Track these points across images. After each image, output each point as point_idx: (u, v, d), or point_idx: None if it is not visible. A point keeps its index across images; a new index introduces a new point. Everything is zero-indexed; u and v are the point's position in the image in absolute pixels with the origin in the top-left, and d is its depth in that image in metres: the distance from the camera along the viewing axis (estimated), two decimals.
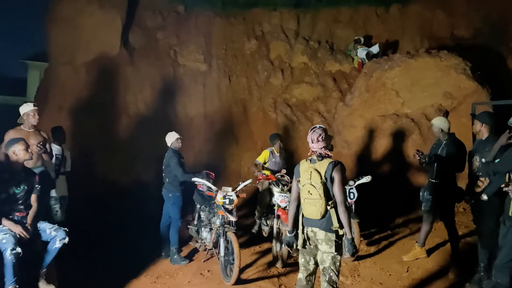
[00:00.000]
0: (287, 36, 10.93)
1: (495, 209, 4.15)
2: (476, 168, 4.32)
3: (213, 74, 10.52)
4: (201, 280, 5.03)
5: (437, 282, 4.66)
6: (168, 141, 5.78)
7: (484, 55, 9.33)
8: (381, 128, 8.30)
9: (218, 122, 9.98)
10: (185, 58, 10.53)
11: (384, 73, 8.61)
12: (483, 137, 4.38)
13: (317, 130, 3.50)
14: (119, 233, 6.44)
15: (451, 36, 10.31)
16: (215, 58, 10.61)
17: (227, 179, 8.94)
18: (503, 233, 3.73)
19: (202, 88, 10.34)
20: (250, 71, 10.62)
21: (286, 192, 5.38)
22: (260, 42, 10.89)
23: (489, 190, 4.11)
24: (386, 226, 6.57)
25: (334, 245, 3.36)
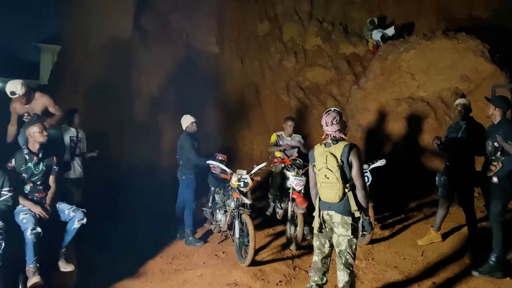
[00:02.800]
0: (300, 17, 10.76)
1: (505, 192, 4.12)
2: (489, 153, 4.26)
3: (226, 56, 10.44)
4: (216, 261, 5.09)
5: (452, 266, 4.64)
6: (183, 124, 5.80)
7: (503, 36, 9.09)
8: (396, 111, 8.20)
9: (231, 105, 9.94)
10: (197, 41, 10.45)
11: (399, 56, 8.47)
12: (495, 121, 4.31)
13: (331, 113, 3.46)
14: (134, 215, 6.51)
15: (468, 17, 10.07)
16: (227, 41, 10.52)
17: (239, 162, 8.96)
18: None
19: (214, 71, 10.29)
20: (262, 54, 10.52)
21: (300, 175, 5.37)
22: (273, 24, 10.75)
23: (500, 172, 4.08)
24: (400, 210, 6.54)
25: (350, 228, 3.36)
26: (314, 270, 3.62)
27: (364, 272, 4.65)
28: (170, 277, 4.76)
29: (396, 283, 4.36)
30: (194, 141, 5.72)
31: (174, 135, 5.95)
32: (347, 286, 3.43)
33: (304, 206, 5.04)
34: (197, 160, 5.57)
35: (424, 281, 4.37)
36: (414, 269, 4.66)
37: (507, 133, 4.07)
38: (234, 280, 4.51)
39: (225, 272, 4.71)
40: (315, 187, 3.58)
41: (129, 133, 8.92)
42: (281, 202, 5.96)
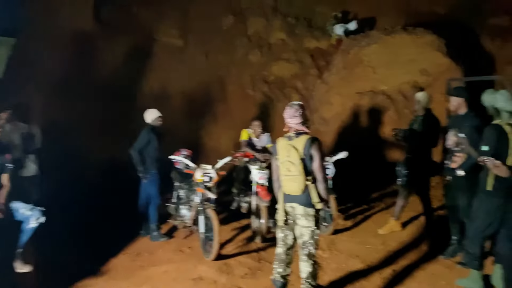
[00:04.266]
0: (264, 12, 10.79)
1: (472, 184, 4.28)
2: (452, 143, 4.40)
3: (190, 50, 10.33)
4: (181, 257, 5.06)
5: (411, 254, 4.81)
6: (147, 117, 5.69)
7: (460, 31, 9.44)
8: (358, 105, 8.38)
9: (196, 99, 9.85)
10: (161, 34, 10.29)
11: (361, 50, 8.64)
12: (461, 112, 4.39)
13: (293, 105, 3.51)
14: (97, 213, 6.37)
15: (428, 13, 10.35)
16: (191, 34, 10.40)
17: (206, 157, 8.89)
18: (476, 206, 3.85)
19: (179, 64, 10.15)
20: (227, 48, 10.47)
21: (264, 169, 5.40)
22: (238, 17, 10.72)
23: (465, 166, 4.22)
24: (363, 201, 6.71)
25: (313, 219, 3.42)
26: (278, 262, 3.67)
27: (327, 262, 4.74)
28: (134, 274, 4.69)
29: (358, 272, 4.47)
30: (155, 136, 5.61)
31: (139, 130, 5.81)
32: (310, 276, 3.50)
33: (267, 199, 5.09)
34: (134, 152, 5.48)
35: (385, 269, 4.50)
36: (375, 257, 4.79)
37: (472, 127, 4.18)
38: (199, 274, 4.50)
39: (190, 267, 4.69)
40: (278, 180, 3.61)
41: (91, 129, 8.68)
42: (245, 196, 5.99)
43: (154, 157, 5.59)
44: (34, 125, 5.43)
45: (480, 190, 3.78)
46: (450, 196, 4.54)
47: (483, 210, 3.73)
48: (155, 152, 5.61)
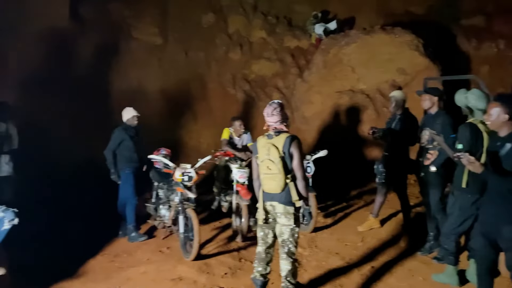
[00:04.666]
0: (245, 10, 10.78)
1: (443, 180, 4.38)
2: (425, 141, 4.49)
3: (169, 48, 10.23)
4: (160, 257, 5.00)
5: (390, 250, 4.87)
6: (124, 116, 5.61)
7: (437, 31, 9.63)
8: (338, 104, 8.45)
9: (176, 98, 9.76)
10: (139, 31, 10.16)
11: (340, 49, 8.72)
12: (433, 111, 4.52)
13: (272, 104, 3.51)
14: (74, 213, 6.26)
15: (405, 13, 10.54)
16: (171, 32, 10.31)
17: (186, 156, 8.83)
18: (451, 203, 3.93)
19: (158, 62, 10.05)
20: (208, 46, 10.42)
21: (244, 167, 5.39)
22: (218, 15, 10.68)
23: (437, 162, 4.31)
24: (342, 199, 6.78)
25: (292, 217, 3.43)
26: (258, 261, 3.67)
27: (307, 260, 4.77)
28: (112, 275, 4.62)
29: (337, 269, 4.50)
30: (129, 135, 5.53)
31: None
32: (290, 274, 3.51)
33: (248, 198, 5.08)
34: (107, 153, 5.41)
35: (364, 265, 4.55)
36: (354, 254, 4.84)
37: (444, 126, 4.27)
38: (179, 275, 4.46)
39: (170, 267, 4.65)
40: (258, 179, 3.61)
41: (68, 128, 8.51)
42: (226, 195, 5.96)
43: (128, 157, 5.51)
44: (11, 125, 5.29)
45: (455, 187, 3.86)
46: (425, 192, 4.63)
47: (458, 206, 3.81)
48: (129, 152, 5.52)
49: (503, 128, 3.06)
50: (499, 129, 3.11)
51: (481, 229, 3.26)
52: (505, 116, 2.99)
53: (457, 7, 10.16)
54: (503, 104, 3.01)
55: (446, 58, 8.69)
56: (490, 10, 9.82)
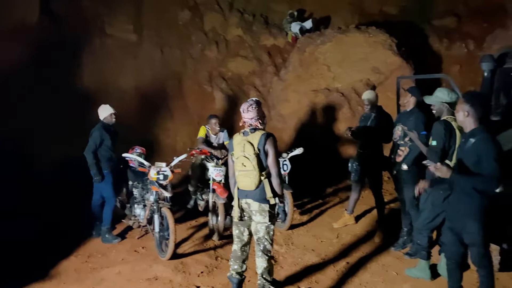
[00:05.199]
0: (221, 7, 10.73)
1: (415, 178, 4.47)
2: (398, 137, 4.58)
3: (145, 45, 10.09)
4: (136, 257, 4.94)
5: (364, 246, 4.96)
6: (101, 114, 5.43)
7: (410, 31, 9.83)
8: (314, 102, 8.53)
9: (151, 95, 9.64)
10: (113, 28, 9.98)
11: (316, 48, 8.79)
12: (408, 108, 4.60)
13: (248, 101, 3.54)
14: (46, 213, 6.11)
15: (379, 13, 10.71)
16: (146, 29, 10.16)
17: (162, 154, 8.73)
18: (423, 199, 4.03)
19: (133, 60, 9.89)
20: (183, 43, 10.33)
21: (220, 166, 5.37)
22: (194, 12, 10.59)
23: (408, 159, 4.41)
24: (318, 196, 6.84)
25: (267, 215, 3.44)
26: (234, 259, 3.67)
27: (284, 257, 4.79)
28: (86, 277, 4.53)
29: (313, 265, 4.55)
30: (108, 134, 5.40)
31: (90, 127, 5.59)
32: (266, 272, 3.52)
33: (224, 196, 5.07)
34: (88, 154, 5.24)
35: (339, 261, 4.62)
36: (330, 251, 4.91)
37: (417, 123, 4.36)
38: (155, 274, 4.42)
39: (145, 267, 4.60)
40: (234, 177, 3.60)
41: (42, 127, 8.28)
42: (202, 194, 5.93)
43: (107, 156, 5.38)
44: None
45: None
46: (399, 189, 4.73)
47: (430, 202, 3.90)
48: (108, 152, 5.40)
49: (466, 125, 3.18)
50: (463, 126, 3.22)
51: (449, 224, 3.36)
52: (465, 113, 3.11)
53: (429, 8, 10.39)
54: (466, 102, 3.13)
55: (419, 58, 8.88)
56: (461, 12, 10.10)
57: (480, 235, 3.12)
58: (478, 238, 3.14)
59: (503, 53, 4.58)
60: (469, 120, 3.12)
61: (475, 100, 3.12)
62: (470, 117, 3.11)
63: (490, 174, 2.97)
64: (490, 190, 3.07)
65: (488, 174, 2.98)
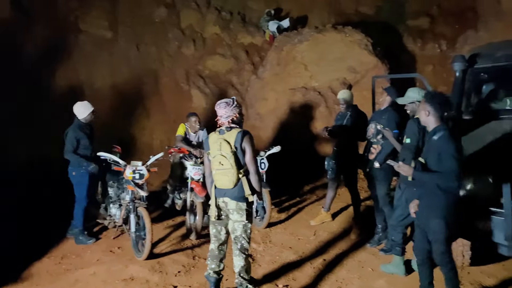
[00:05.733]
0: (198, 5, 10.65)
1: (388, 175, 4.56)
2: (371, 135, 4.65)
3: (120, 42, 9.93)
4: (111, 258, 4.85)
5: (341, 243, 5.02)
6: (80, 112, 5.23)
7: (385, 31, 10.00)
8: (291, 101, 8.58)
9: (127, 94, 9.49)
10: (87, 24, 9.76)
11: (294, 47, 8.84)
12: (382, 107, 4.69)
13: (224, 99, 3.53)
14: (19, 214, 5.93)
15: (355, 13, 10.86)
16: (121, 26, 9.99)
17: (138, 153, 8.62)
18: (398, 196, 4.11)
19: (108, 57, 9.71)
20: (160, 40, 10.22)
21: (199, 164, 5.34)
22: (170, 10, 10.49)
23: (380, 157, 4.49)
24: (295, 194, 6.89)
25: (245, 214, 3.44)
26: (211, 258, 3.65)
27: (261, 255, 4.81)
28: (59, 278, 4.42)
29: (291, 263, 4.58)
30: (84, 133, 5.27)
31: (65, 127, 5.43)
32: (243, 270, 3.53)
33: (203, 195, 5.04)
34: (67, 155, 5.11)
35: (316, 258, 4.66)
36: (307, 248, 4.95)
37: (389, 121, 4.45)
38: (131, 275, 4.35)
39: (121, 267, 4.52)
40: (210, 176, 3.59)
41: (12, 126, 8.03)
42: (180, 193, 5.88)
43: (85, 155, 5.24)
44: None
45: (401, 180, 4.04)
46: (372, 186, 4.81)
47: (404, 199, 3.98)
48: (86, 151, 5.26)
49: (428, 124, 3.28)
50: (426, 125, 3.32)
51: (417, 221, 3.44)
52: (426, 113, 3.22)
53: (403, 8, 10.59)
54: (426, 102, 3.24)
55: (394, 57, 9.05)
56: (434, 13, 10.33)
57: (441, 232, 3.19)
58: (439, 235, 3.20)
59: (474, 53, 4.71)
60: (431, 119, 3.23)
61: (435, 99, 3.22)
62: (431, 116, 3.21)
63: (449, 172, 3.06)
64: (451, 188, 3.13)
65: (447, 172, 3.06)
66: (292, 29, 9.81)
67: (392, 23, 10.40)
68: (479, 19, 9.18)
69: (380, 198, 4.67)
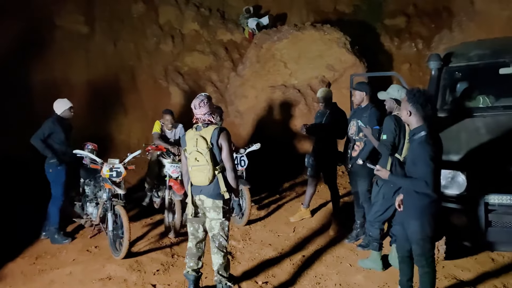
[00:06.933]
0: (176, 1, 10.53)
1: (370, 172, 4.62)
2: (353, 133, 4.70)
3: (96, 37, 9.71)
4: (88, 257, 4.77)
5: (319, 239, 5.07)
6: (58, 108, 5.18)
7: (362, 30, 10.11)
8: (271, 98, 8.59)
9: (104, 90, 9.28)
10: (62, 19, 9.50)
11: (273, 45, 8.84)
12: (363, 105, 4.70)
13: (200, 96, 3.52)
14: None
15: (334, 11, 10.93)
16: (98, 20, 9.77)
17: (115, 151, 8.48)
18: (375, 192, 4.17)
19: (84, 53, 9.50)
20: (138, 36, 10.05)
21: (177, 162, 5.30)
22: (148, 5, 10.33)
23: (363, 154, 4.54)
24: (275, 191, 6.91)
25: (221, 211, 3.44)
26: (189, 256, 3.64)
27: (241, 252, 4.81)
28: (34, 279, 4.33)
29: (270, 259, 4.60)
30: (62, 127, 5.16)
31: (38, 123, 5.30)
32: (222, 268, 3.52)
33: (181, 193, 4.99)
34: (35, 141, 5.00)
35: (295, 255, 4.69)
36: (287, 245, 4.97)
37: (371, 118, 4.48)
38: (108, 274, 4.30)
39: (98, 267, 4.46)
40: (187, 173, 3.56)
41: None
42: (158, 191, 5.82)
43: (60, 151, 5.13)
44: None
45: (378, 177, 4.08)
46: (353, 183, 4.87)
47: (382, 195, 4.04)
48: (62, 146, 5.16)
49: (410, 123, 3.25)
50: (408, 124, 3.33)
51: (399, 219, 3.49)
52: (408, 113, 3.16)
53: (381, 8, 10.72)
54: (408, 101, 3.16)
55: (371, 56, 9.16)
56: (410, 12, 10.50)
57: (416, 233, 3.19)
58: (415, 236, 3.21)
59: (448, 52, 4.81)
60: (412, 119, 3.15)
61: (417, 99, 3.11)
62: (413, 116, 3.13)
63: (420, 178, 3.04)
64: (425, 192, 3.09)
65: (419, 178, 3.05)
66: (271, 27, 9.80)
67: (369, 22, 10.52)
68: (454, 19, 9.38)
69: (361, 194, 4.72)
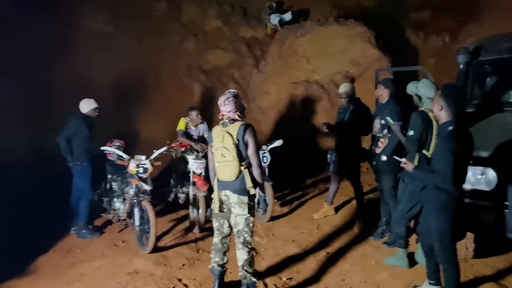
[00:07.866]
0: None
1: (394, 168, 4.56)
2: (377, 130, 4.65)
3: (120, 36, 9.84)
4: (116, 251, 4.89)
5: (344, 236, 5.03)
6: (84, 107, 5.40)
7: (386, 24, 9.93)
8: (293, 94, 8.56)
9: (128, 89, 9.43)
10: (85, 18, 9.68)
11: (296, 40, 8.80)
12: (383, 101, 4.69)
13: (226, 93, 3.54)
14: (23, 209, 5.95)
15: (357, 6, 10.79)
16: (121, 19, 9.92)
17: (140, 147, 8.60)
18: (401, 189, 4.11)
19: (107, 51, 9.65)
20: (161, 34, 10.15)
21: (200, 158, 5.35)
22: (171, 3, 10.44)
23: (387, 151, 4.49)
24: (298, 187, 6.90)
25: (246, 207, 3.45)
26: (215, 251, 3.67)
27: (265, 248, 4.83)
28: (64, 272, 4.46)
29: (294, 256, 4.60)
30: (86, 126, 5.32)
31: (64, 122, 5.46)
32: (246, 263, 3.54)
33: (205, 189, 5.06)
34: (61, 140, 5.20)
35: (319, 251, 4.68)
36: (310, 241, 4.96)
37: (392, 113, 4.45)
38: (135, 268, 4.39)
39: (125, 261, 4.56)
40: (213, 169, 3.60)
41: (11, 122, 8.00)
42: (183, 187, 5.90)
43: (86, 148, 5.30)
44: None
45: (405, 174, 4.04)
46: (379, 179, 4.81)
47: (408, 192, 3.98)
48: (86, 143, 5.32)
49: (440, 118, 3.23)
50: (439, 118, 3.29)
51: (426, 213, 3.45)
52: (439, 107, 3.16)
53: (405, 1, 10.53)
54: (440, 95, 3.16)
55: (396, 50, 9.00)
56: (435, 5, 10.27)
57: (435, 229, 3.18)
58: (434, 232, 3.21)
59: (477, 46, 4.69)
60: (442, 113, 3.16)
61: (449, 94, 3.13)
62: (444, 110, 3.14)
63: (441, 173, 3.02)
64: (446, 188, 3.07)
65: (440, 173, 3.04)
66: (294, 22, 9.75)
67: (394, 16, 10.33)
68: (482, 12, 9.12)
69: (386, 191, 4.67)
